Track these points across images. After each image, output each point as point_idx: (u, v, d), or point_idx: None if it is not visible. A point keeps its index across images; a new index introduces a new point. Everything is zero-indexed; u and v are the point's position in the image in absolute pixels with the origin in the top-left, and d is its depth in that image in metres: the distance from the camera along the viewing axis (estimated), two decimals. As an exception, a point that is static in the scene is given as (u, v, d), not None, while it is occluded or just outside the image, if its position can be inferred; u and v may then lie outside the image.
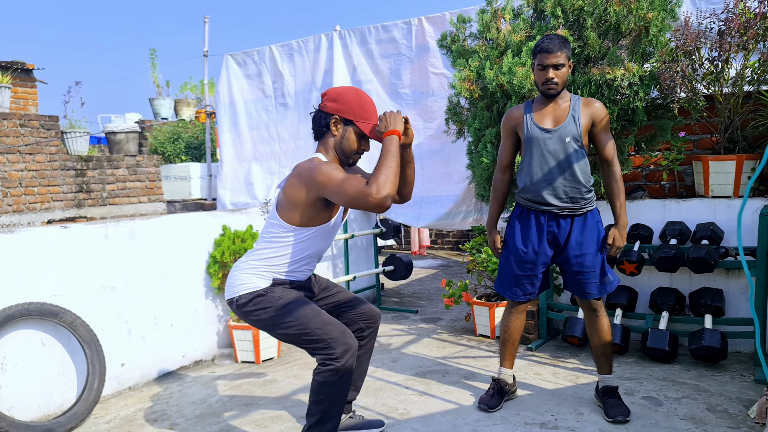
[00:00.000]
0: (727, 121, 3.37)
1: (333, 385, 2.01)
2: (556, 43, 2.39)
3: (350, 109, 2.07)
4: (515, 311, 2.69)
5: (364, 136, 2.10)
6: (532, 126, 2.49)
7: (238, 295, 2.12)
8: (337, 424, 2.09)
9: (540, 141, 2.47)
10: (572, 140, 2.44)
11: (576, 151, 2.44)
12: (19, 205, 6.08)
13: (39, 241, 2.76)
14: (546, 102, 2.51)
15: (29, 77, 7.81)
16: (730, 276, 3.30)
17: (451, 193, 4.56)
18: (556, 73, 2.40)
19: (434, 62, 4.57)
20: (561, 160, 2.45)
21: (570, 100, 2.50)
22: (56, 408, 2.79)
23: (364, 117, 2.07)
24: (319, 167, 1.97)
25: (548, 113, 2.49)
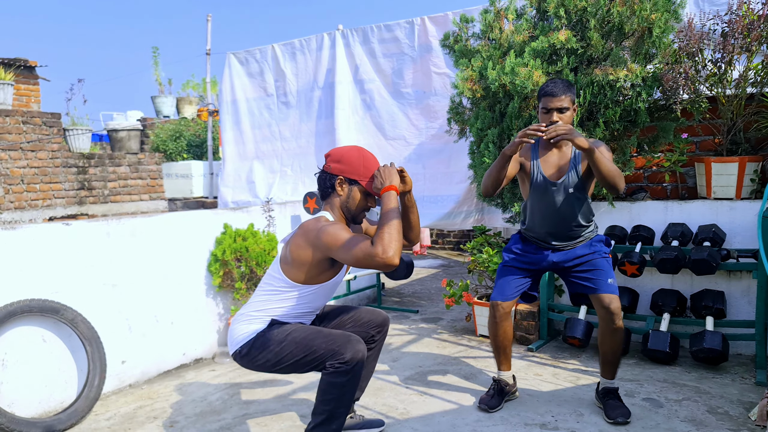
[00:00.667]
0: (730, 123, 3.36)
1: (342, 386, 2.02)
2: (560, 87, 2.43)
3: (354, 169, 2.10)
4: (499, 319, 2.65)
5: (369, 194, 2.14)
6: (538, 175, 2.55)
7: (239, 347, 2.14)
8: (342, 425, 2.09)
9: (545, 191, 2.53)
10: (575, 191, 2.50)
11: (578, 199, 2.51)
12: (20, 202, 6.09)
13: (41, 238, 2.77)
14: (550, 146, 2.54)
15: (32, 74, 7.82)
16: (732, 278, 3.29)
17: (453, 192, 4.56)
18: (560, 116, 2.43)
19: (437, 62, 4.57)
20: (564, 209, 2.52)
21: (572, 146, 2.52)
22: (57, 405, 2.79)
23: (368, 176, 2.11)
24: (325, 228, 1.99)
25: (553, 162, 2.54)
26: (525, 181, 2.64)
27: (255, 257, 3.47)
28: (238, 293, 3.53)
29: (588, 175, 2.52)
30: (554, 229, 2.56)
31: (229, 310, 3.71)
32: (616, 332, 2.50)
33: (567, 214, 2.52)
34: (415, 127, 4.77)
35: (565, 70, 3.24)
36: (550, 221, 2.55)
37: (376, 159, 2.16)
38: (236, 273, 3.51)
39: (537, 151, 2.58)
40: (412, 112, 4.77)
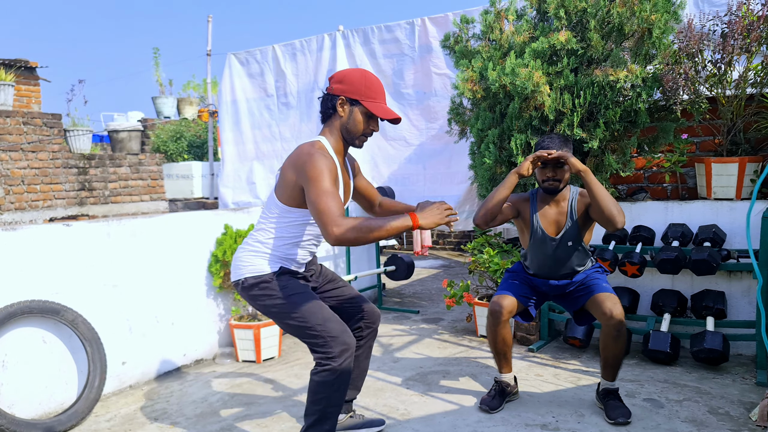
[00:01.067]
0: (730, 124, 3.36)
1: (330, 385, 2.00)
2: (557, 143, 2.52)
3: (356, 88, 2.02)
4: (497, 326, 2.64)
5: (371, 116, 2.04)
6: (539, 229, 2.64)
7: (243, 278, 2.10)
8: (335, 425, 2.08)
9: (544, 244, 2.63)
10: (573, 243, 2.59)
11: (577, 249, 2.62)
12: (21, 203, 6.09)
13: (41, 238, 2.77)
14: (548, 199, 2.64)
15: (32, 75, 7.83)
16: (732, 278, 3.29)
17: (453, 193, 4.57)
18: (556, 171, 2.51)
19: (437, 62, 4.58)
20: (563, 258, 2.63)
21: (569, 197, 2.62)
22: (57, 406, 2.79)
23: (370, 96, 2.02)
24: (315, 160, 1.91)
25: (552, 216, 2.63)
26: (525, 233, 2.73)
27: (255, 258, 3.47)
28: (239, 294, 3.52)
29: (584, 223, 2.61)
30: (553, 273, 2.68)
31: (230, 311, 3.71)
32: (620, 338, 2.48)
33: (565, 262, 2.64)
34: (415, 128, 4.77)
35: (565, 70, 3.24)
36: (549, 268, 2.67)
37: (380, 82, 2.08)
38: (237, 274, 3.51)
39: (535, 204, 2.67)
40: (412, 112, 4.78)
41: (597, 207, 2.41)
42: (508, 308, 2.62)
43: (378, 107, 2.02)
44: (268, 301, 2.08)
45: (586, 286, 2.63)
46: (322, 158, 1.93)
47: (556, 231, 2.62)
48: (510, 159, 3.51)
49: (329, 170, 1.92)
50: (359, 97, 2.02)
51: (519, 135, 3.35)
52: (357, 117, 2.03)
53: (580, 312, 2.70)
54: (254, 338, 3.45)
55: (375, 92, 2.03)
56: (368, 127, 2.06)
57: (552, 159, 2.47)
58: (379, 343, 3.80)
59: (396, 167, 4.87)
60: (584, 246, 2.64)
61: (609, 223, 2.40)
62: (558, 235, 2.61)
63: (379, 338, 3.92)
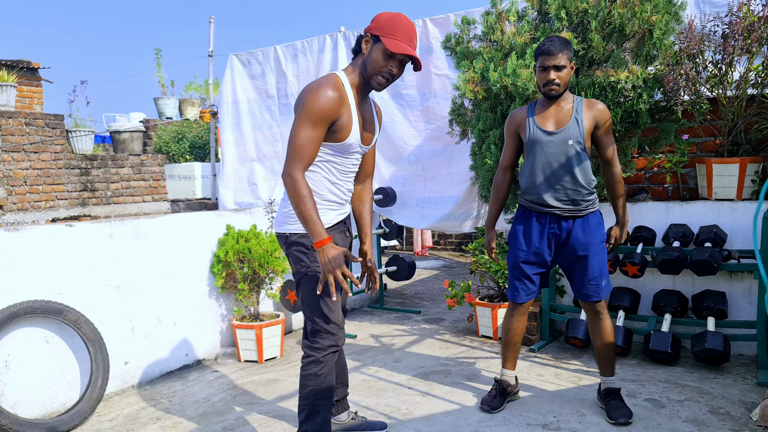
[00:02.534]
0: (731, 124, 3.37)
1: (316, 376, 2.07)
2: (557, 45, 2.41)
3: (380, 25, 1.99)
4: (516, 313, 2.69)
5: (390, 56, 1.97)
6: (534, 128, 2.51)
7: (288, 233, 2.11)
8: (327, 419, 2.11)
9: (542, 144, 2.48)
10: (574, 143, 2.45)
11: (578, 154, 2.46)
12: (23, 204, 6.10)
13: (44, 239, 2.78)
14: (548, 104, 2.52)
15: (35, 76, 7.85)
16: (733, 278, 3.29)
17: (453, 194, 4.57)
18: (557, 74, 2.41)
19: (437, 63, 4.58)
20: (563, 163, 2.46)
21: (573, 101, 2.51)
22: (59, 406, 2.80)
23: (390, 33, 1.96)
24: (312, 96, 1.92)
25: (551, 115, 2.50)
26: (524, 143, 2.58)
27: (258, 258, 3.48)
28: (241, 294, 3.54)
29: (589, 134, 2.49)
30: (553, 183, 2.48)
31: (232, 311, 3.72)
32: (603, 323, 2.56)
33: (566, 167, 2.46)
34: (414, 129, 4.77)
35: (566, 71, 3.24)
36: (547, 175, 2.48)
37: (409, 24, 2.00)
38: (239, 274, 3.52)
39: (533, 108, 2.55)
40: (411, 113, 4.78)
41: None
42: (527, 304, 2.67)
43: (393, 42, 1.95)
44: (299, 264, 2.10)
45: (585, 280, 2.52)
46: (321, 96, 1.92)
47: (555, 127, 2.47)
48: (511, 159, 3.51)
49: (320, 109, 1.91)
50: (381, 33, 1.98)
51: (520, 136, 3.36)
52: (376, 53, 1.99)
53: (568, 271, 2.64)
54: (256, 338, 3.46)
55: (398, 31, 1.98)
56: (387, 66, 1.99)
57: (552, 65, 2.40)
58: (380, 343, 3.81)
59: (396, 168, 4.87)
60: (588, 159, 2.47)
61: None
62: (558, 129, 2.46)
63: (381, 338, 3.93)
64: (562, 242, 2.55)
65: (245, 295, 3.55)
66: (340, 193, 2.17)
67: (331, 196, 2.13)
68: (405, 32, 1.98)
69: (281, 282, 3.81)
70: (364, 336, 4.00)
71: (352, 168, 2.18)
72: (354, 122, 2.03)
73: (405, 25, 1.99)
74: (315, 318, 2.08)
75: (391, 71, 2.01)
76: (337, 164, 2.10)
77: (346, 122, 2.01)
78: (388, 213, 4.81)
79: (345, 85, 2.03)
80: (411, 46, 1.99)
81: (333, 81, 1.98)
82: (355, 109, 2.04)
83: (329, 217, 2.13)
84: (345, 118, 1.99)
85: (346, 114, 2.00)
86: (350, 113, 2.01)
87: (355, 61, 2.07)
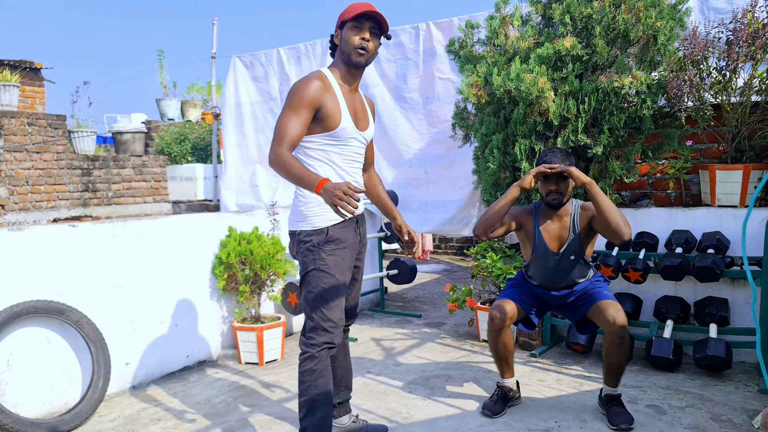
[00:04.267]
0: (735, 131, 3.37)
1: (311, 371, 2.11)
2: (559, 157, 2.52)
3: (342, 15, 2.12)
4: (499, 330, 2.64)
5: (355, 26, 2.09)
6: (541, 244, 2.64)
7: (298, 230, 2.19)
8: (326, 415, 2.13)
9: (547, 258, 2.63)
10: (575, 257, 2.59)
11: (579, 262, 2.62)
12: (25, 204, 6.11)
13: (47, 239, 2.78)
14: (551, 213, 2.64)
15: (37, 76, 7.86)
16: (736, 285, 3.29)
17: (456, 198, 4.57)
18: (559, 186, 2.53)
19: (441, 67, 4.58)
20: (565, 271, 2.63)
21: (571, 211, 2.62)
22: (61, 406, 2.80)
23: (350, 11, 2.09)
24: (295, 89, 2.05)
25: (554, 231, 2.63)
26: (527, 245, 2.72)
27: (260, 260, 3.48)
28: (242, 296, 3.53)
29: (587, 236, 2.61)
30: (554, 285, 2.68)
31: (233, 313, 3.72)
32: (623, 345, 2.47)
33: (567, 274, 2.64)
34: (417, 132, 4.78)
35: (570, 76, 3.25)
36: (551, 280, 2.67)
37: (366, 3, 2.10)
38: (240, 276, 3.52)
39: (538, 218, 2.66)
40: (415, 116, 4.78)
41: (603, 219, 2.41)
42: (509, 314, 2.63)
43: (350, 12, 2.07)
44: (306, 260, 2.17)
45: (588, 295, 2.63)
46: (302, 86, 2.04)
47: (559, 245, 2.61)
48: (514, 164, 3.52)
49: (301, 96, 2.02)
50: (342, 18, 2.11)
51: (523, 140, 3.36)
52: (346, 33, 2.11)
53: (583, 321, 2.71)
54: (257, 340, 3.45)
55: (354, 8, 2.09)
56: (358, 36, 2.09)
57: (555, 173, 2.48)
58: (381, 347, 3.81)
59: (398, 171, 4.87)
60: (586, 259, 2.64)
61: (615, 235, 2.40)
62: (560, 249, 2.60)
63: (382, 342, 3.92)
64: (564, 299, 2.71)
65: (246, 297, 3.55)
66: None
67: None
68: (361, 6, 2.09)
69: (283, 284, 3.81)
70: (365, 339, 4.00)
71: (356, 157, 2.24)
72: (343, 108, 2.12)
73: (361, 3, 2.11)
74: (313, 314, 2.14)
75: (363, 42, 2.09)
76: (338, 153, 2.17)
77: (333, 108, 2.09)
78: None
79: (328, 76, 2.14)
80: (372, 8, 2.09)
81: (315, 73, 2.11)
82: (341, 96, 2.13)
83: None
84: (331, 105, 2.08)
85: (332, 101, 2.08)
86: (336, 100, 2.10)
87: (335, 57, 2.20)
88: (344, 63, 2.15)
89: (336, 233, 2.15)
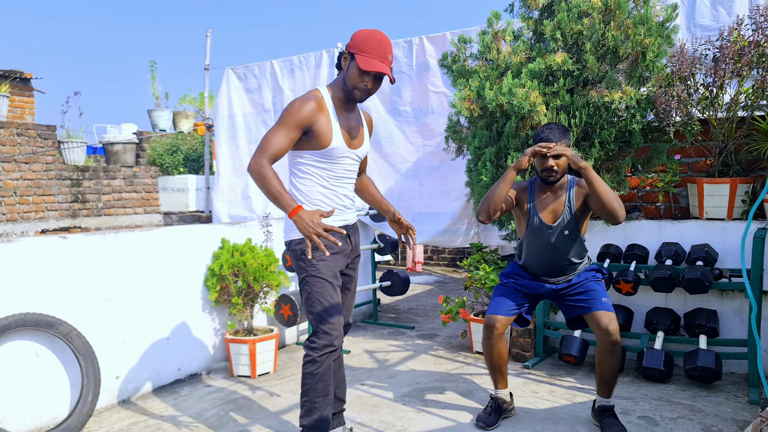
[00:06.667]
0: (722, 145, 3.43)
1: (313, 375, 2.16)
2: (556, 134, 2.53)
3: (355, 43, 2.12)
4: (493, 339, 2.66)
5: (365, 73, 2.11)
6: (536, 218, 2.63)
7: (290, 239, 2.25)
8: (324, 418, 2.18)
9: (541, 233, 2.62)
10: (570, 232, 2.59)
11: (573, 240, 2.61)
12: (12, 214, 6.04)
13: (37, 251, 2.75)
14: (546, 189, 2.65)
15: (27, 86, 7.81)
16: (724, 297, 3.33)
17: (449, 209, 4.59)
18: (555, 162, 2.53)
19: (434, 81, 4.63)
20: (559, 249, 2.61)
21: (566, 187, 2.62)
22: (49, 420, 2.75)
23: (363, 50, 2.09)
24: (287, 108, 2.09)
25: (548, 204, 2.63)
26: (521, 221, 2.72)
27: (252, 272, 3.47)
28: (235, 308, 3.51)
29: (582, 213, 2.62)
30: (548, 266, 2.66)
31: (225, 325, 3.69)
32: (615, 353, 2.50)
33: (561, 253, 2.62)
34: (412, 144, 4.81)
35: (561, 91, 3.30)
36: (545, 260, 2.65)
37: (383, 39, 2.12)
38: (233, 288, 3.50)
39: (533, 193, 2.67)
40: (409, 129, 4.82)
41: (599, 202, 2.44)
42: (503, 321, 2.64)
43: (365, 60, 2.08)
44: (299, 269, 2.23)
45: (584, 298, 2.59)
46: (296, 104, 2.09)
47: (553, 219, 2.60)
48: (506, 177, 3.55)
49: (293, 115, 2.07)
50: (355, 50, 2.11)
51: (515, 153, 3.40)
52: (352, 69, 2.13)
53: (574, 319, 2.73)
54: (249, 353, 3.43)
55: (370, 48, 2.10)
56: (362, 81, 2.12)
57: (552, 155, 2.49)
58: (374, 359, 3.79)
59: (393, 183, 4.89)
60: (581, 238, 2.63)
61: (611, 217, 2.45)
62: (555, 222, 2.59)
63: (375, 354, 3.91)
64: (557, 291, 2.69)
65: (239, 309, 3.52)
66: (336, 198, 2.26)
67: (325, 200, 2.23)
68: (377, 49, 2.10)
69: (276, 296, 3.79)
70: (358, 351, 3.98)
71: (347, 174, 2.28)
72: (335, 128, 2.16)
73: (378, 41, 2.11)
74: (312, 319, 2.19)
75: (366, 86, 2.14)
76: (328, 170, 2.21)
77: (325, 128, 2.13)
78: (383, 227, 4.82)
79: (324, 97, 2.17)
80: (384, 62, 2.11)
81: (311, 94, 2.15)
82: (335, 117, 2.17)
83: (328, 222, 2.20)
84: (323, 125, 2.12)
85: (324, 121, 2.13)
86: (329, 120, 2.14)
87: (338, 76, 2.23)
88: (344, 91, 2.19)
89: (325, 240, 2.17)
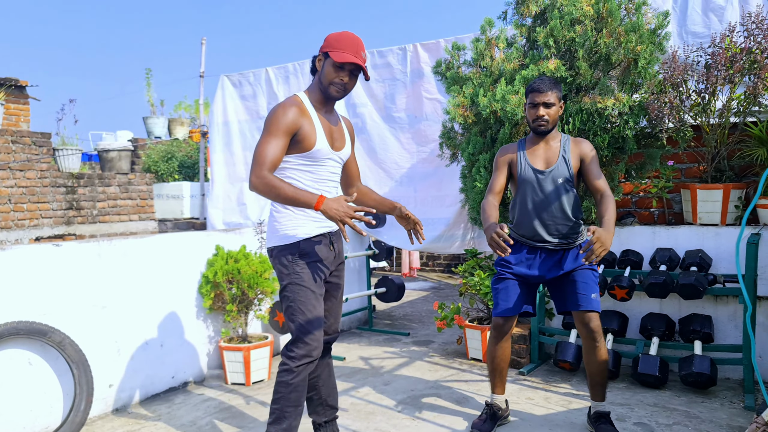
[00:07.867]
0: (714, 151, 3.45)
1: (287, 384, 2.15)
2: (547, 84, 2.55)
3: (328, 43, 2.17)
4: (500, 339, 2.66)
5: (339, 66, 2.14)
6: (526, 166, 2.60)
7: (272, 246, 2.26)
8: (292, 426, 2.16)
9: (533, 182, 2.58)
10: (564, 181, 2.56)
11: (567, 191, 2.57)
12: (7, 222, 6.01)
13: (30, 258, 2.74)
14: (537, 140, 2.62)
15: (22, 94, 7.80)
16: (719, 302, 3.34)
17: (444, 216, 4.59)
18: (546, 111, 2.53)
19: (428, 87, 4.65)
20: (553, 200, 2.56)
21: (560, 140, 2.61)
22: (41, 429, 2.73)
23: (336, 47, 2.14)
24: (272, 114, 2.11)
25: (540, 153, 2.61)
26: (514, 178, 2.66)
27: (247, 279, 3.46)
28: (229, 315, 3.50)
29: (577, 171, 2.58)
30: (543, 220, 2.56)
31: (220, 333, 3.68)
32: (599, 350, 2.53)
33: (555, 204, 2.55)
34: (406, 151, 4.82)
35: (554, 97, 3.31)
36: (539, 212, 2.57)
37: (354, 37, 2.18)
38: (228, 295, 3.49)
39: (524, 146, 2.64)
40: (403, 136, 4.83)
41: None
42: (511, 320, 2.65)
43: (338, 54, 2.12)
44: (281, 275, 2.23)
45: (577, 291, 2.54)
46: (279, 112, 2.10)
47: (545, 166, 2.58)
48: (501, 183, 3.55)
49: (279, 122, 2.09)
50: (329, 49, 2.16)
51: (510, 159, 3.41)
52: (327, 67, 2.17)
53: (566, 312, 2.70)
54: (244, 360, 3.41)
55: (342, 44, 2.16)
56: (338, 76, 2.16)
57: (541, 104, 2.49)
58: (369, 365, 3.78)
59: (387, 189, 4.89)
60: (576, 194, 2.58)
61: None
62: (547, 169, 2.56)
63: (370, 360, 3.90)
64: (552, 269, 2.61)
65: (234, 317, 3.51)
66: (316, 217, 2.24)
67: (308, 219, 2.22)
68: (350, 45, 2.16)
69: (270, 303, 3.78)
70: (353, 358, 3.97)
71: (331, 177, 2.29)
72: (318, 131, 2.19)
73: (350, 39, 2.18)
74: (293, 327, 2.18)
75: (342, 81, 2.17)
76: (312, 173, 2.22)
77: (309, 131, 2.16)
78: (378, 234, 4.82)
79: (304, 100, 2.21)
80: (357, 57, 2.16)
81: (291, 99, 2.19)
82: (317, 119, 2.20)
83: (309, 228, 2.21)
84: (307, 128, 2.15)
85: (308, 124, 2.16)
86: (312, 123, 2.17)
87: (314, 80, 2.26)
88: (321, 90, 2.23)
89: (307, 247, 2.19)
